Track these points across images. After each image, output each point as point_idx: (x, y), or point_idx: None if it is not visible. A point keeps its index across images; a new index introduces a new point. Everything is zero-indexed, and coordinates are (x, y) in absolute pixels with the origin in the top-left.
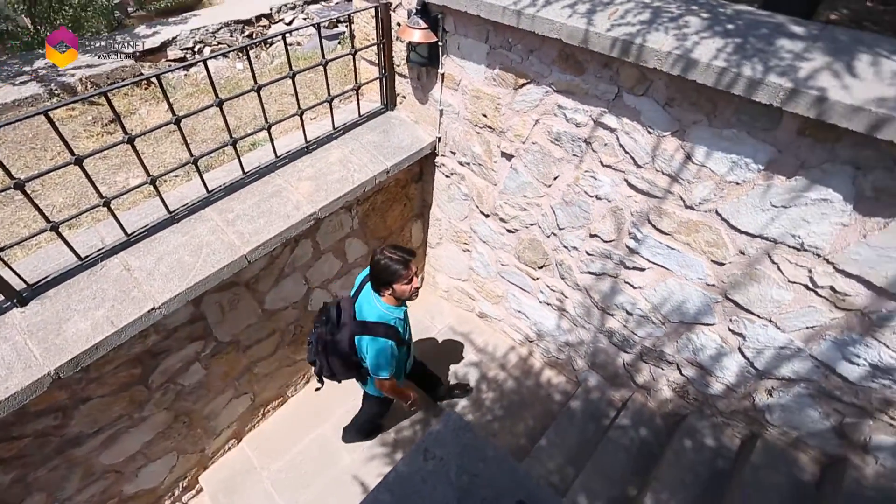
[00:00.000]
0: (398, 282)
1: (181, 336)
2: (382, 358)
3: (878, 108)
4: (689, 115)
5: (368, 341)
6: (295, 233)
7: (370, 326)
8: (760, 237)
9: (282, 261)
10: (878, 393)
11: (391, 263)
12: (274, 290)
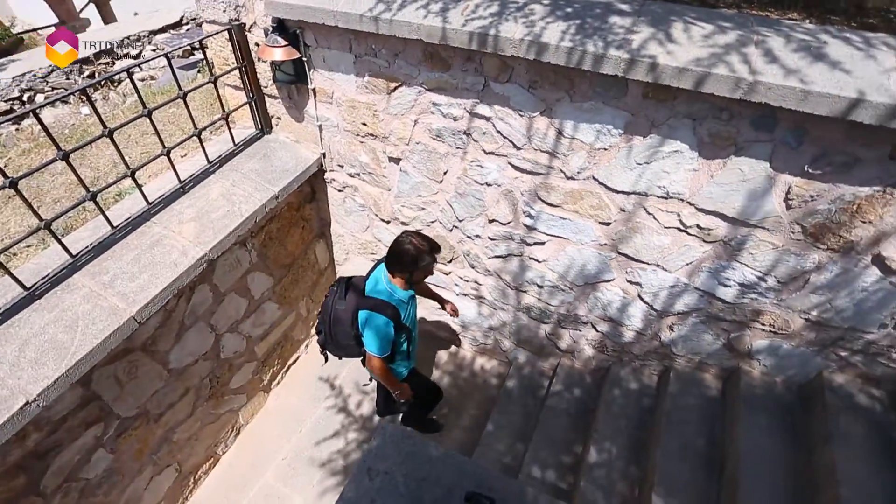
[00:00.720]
0: (418, 270)
1: (73, 424)
2: (376, 333)
3: (697, 67)
4: (551, 94)
5: (367, 315)
6: (187, 280)
7: (371, 300)
8: (634, 193)
9: (179, 313)
10: (749, 306)
11: (421, 253)
12: (177, 347)
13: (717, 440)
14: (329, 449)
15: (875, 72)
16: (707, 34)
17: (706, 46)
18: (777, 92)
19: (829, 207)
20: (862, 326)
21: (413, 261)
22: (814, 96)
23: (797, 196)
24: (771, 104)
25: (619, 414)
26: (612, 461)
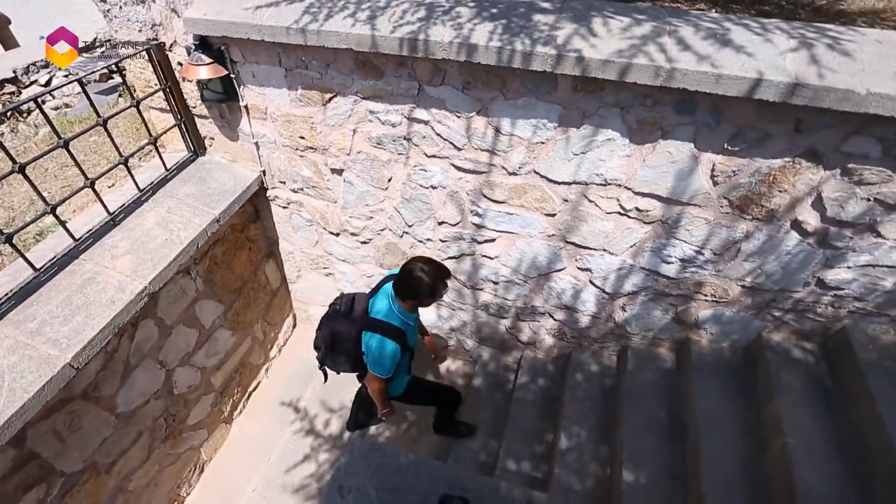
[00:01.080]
0: (431, 298)
1: (8, 490)
2: (382, 357)
3: (619, 58)
4: (486, 93)
5: (376, 339)
6: (128, 317)
7: (380, 324)
8: (575, 183)
9: (122, 353)
10: (691, 279)
11: (431, 282)
12: (124, 389)
13: (676, 410)
14: (301, 474)
15: (773, 54)
16: (625, 27)
17: (625, 39)
18: (692, 77)
19: (750, 180)
20: (790, 287)
21: (430, 292)
22: (724, 79)
23: (721, 172)
24: (689, 89)
25: (584, 398)
26: (583, 444)
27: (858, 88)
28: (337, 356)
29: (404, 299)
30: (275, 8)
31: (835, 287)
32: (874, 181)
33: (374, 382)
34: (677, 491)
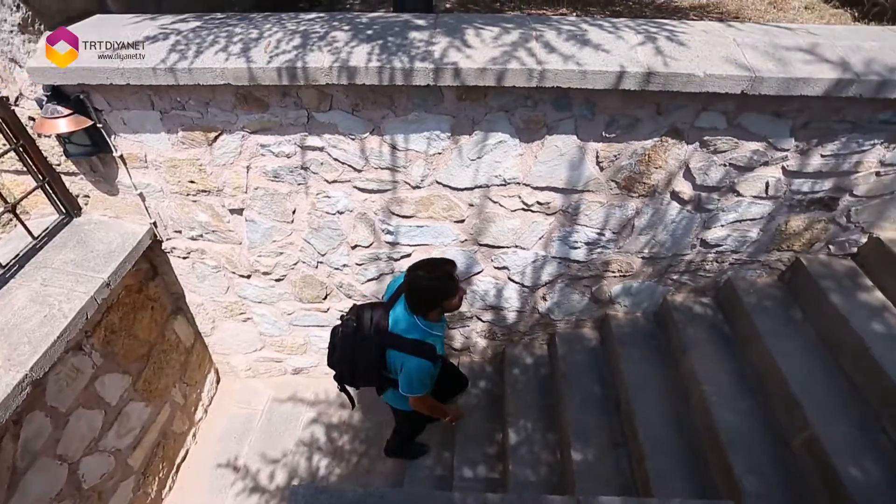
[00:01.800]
0: (450, 299)
1: None
2: (419, 379)
3: (495, 65)
4: (376, 113)
5: (404, 359)
6: (7, 414)
7: (409, 344)
8: (477, 187)
9: (7, 456)
10: (598, 260)
11: (438, 284)
12: (16, 499)
13: (608, 382)
14: None
15: (626, 49)
16: (496, 36)
17: (498, 47)
18: (563, 76)
19: (630, 162)
20: (680, 251)
21: (446, 292)
22: (590, 74)
23: (605, 158)
24: (562, 86)
25: (523, 390)
26: (531, 435)
27: (697, 72)
28: (358, 375)
29: (426, 313)
30: (134, 49)
31: (715, 244)
32: (725, 149)
33: (419, 403)
34: (622, 457)
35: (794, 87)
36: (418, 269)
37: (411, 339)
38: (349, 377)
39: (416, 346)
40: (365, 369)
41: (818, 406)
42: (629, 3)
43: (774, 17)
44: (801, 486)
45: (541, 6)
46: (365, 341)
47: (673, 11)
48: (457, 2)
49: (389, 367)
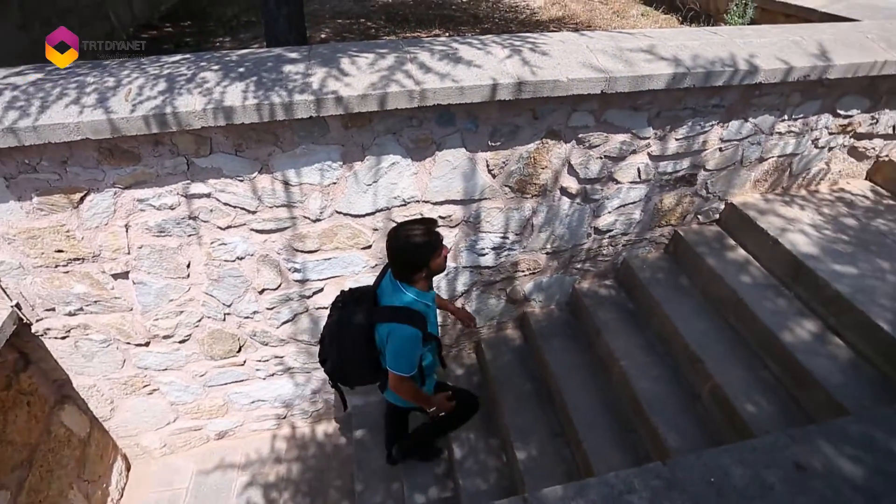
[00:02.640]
0: (434, 257)
1: None
2: (405, 349)
3: (374, 91)
4: (261, 151)
5: (391, 329)
6: None
7: (395, 312)
8: (378, 211)
9: None
10: (507, 262)
11: (421, 241)
12: None
13: (538, 377)
14: None
15: (496, 62)
16: (371, 62)
17: (375, 72)
18: (442, 93)
19: (518, 166)
20: (578, 241)
21: (422, 251)
22: (467, 90)
23: (495, 165)
24: (443, 104)
25: None
26: (475, 446)
27: (561, 78)
28: (347, 364)
29: (413, 278)
30: None
31: (607, 230)
32: (598, 143)
33: (401, 384)
34: (562, 446)
35: (643, 83)
36: (398, 231)
37: (398, 306)
38: (339, 370)
39: (403, 312)
40: (354, 355)
41: (715, 358)
42: (496, 20)
43: (619, 24)
44: (713, 431)
45: (414, 29)
46: (353, 319)
47: (535, 25)
48: (332, 31)
49: (379, 347)
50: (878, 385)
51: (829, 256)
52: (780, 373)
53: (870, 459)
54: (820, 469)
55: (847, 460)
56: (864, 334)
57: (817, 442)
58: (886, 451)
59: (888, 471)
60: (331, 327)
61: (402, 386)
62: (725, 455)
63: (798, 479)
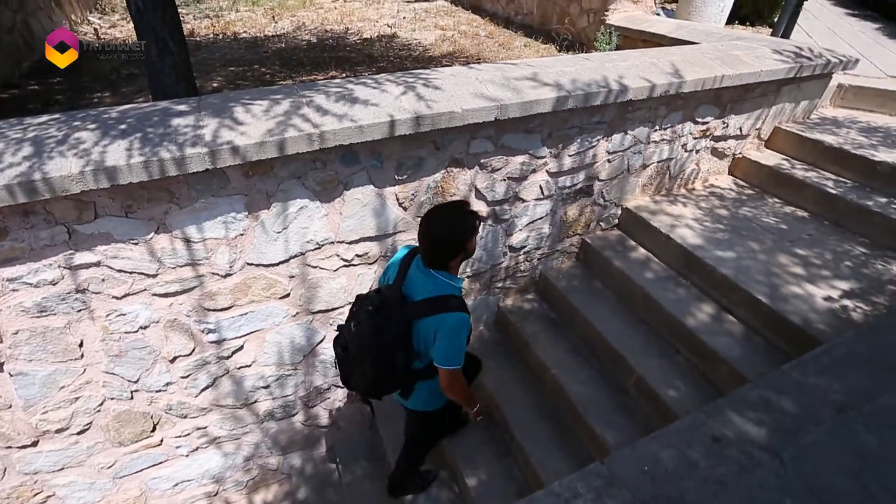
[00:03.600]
0: (473, 237)
1: None
2: (460, 338)
3: (272, 137)
4: (156, 210)
5: (440, 321)
6: None
7: (441, 301)
8: (292, 258)
9: None
10: None
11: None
12: None
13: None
14: None
15: (392, 99)
16: (266, 108)
17: (271, 119)
18: (342, 134)
19: (427, 196)
20: (496, 261)
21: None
22: (366, 128)
23: (404, 198)
24: (344, 144)
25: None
26: None
27: (456, 109)
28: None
29: (449, 264)
30: None
31: (521, 247)
32: (500, 166)
33: (454, 380)
34: (511, 464)
35: (532, 107)
36: (436, 214)
37: (441, 295)
38: (372, 382)
39: (449, 301)
40: (394, 362)
41: (634, 352)
42: (391, 58)
43: (505, 55)
44: (644, 420)
45: (311, 72)
46: (388, 320)
47: (428, 61)
48: (224, 80)
49: (419, 347)
50: (768, 352)
51: (711, 245)
52: (690, 355)
53: (769, 419)
54: (732, 437)
55: (752, 424)
56: (750, 309)
57: (727, 413)
58: (780, 410)
59: (784, 427)
60: (363, 337)
61: (457, 381)
62: (654, 442)
63: (716, 451)
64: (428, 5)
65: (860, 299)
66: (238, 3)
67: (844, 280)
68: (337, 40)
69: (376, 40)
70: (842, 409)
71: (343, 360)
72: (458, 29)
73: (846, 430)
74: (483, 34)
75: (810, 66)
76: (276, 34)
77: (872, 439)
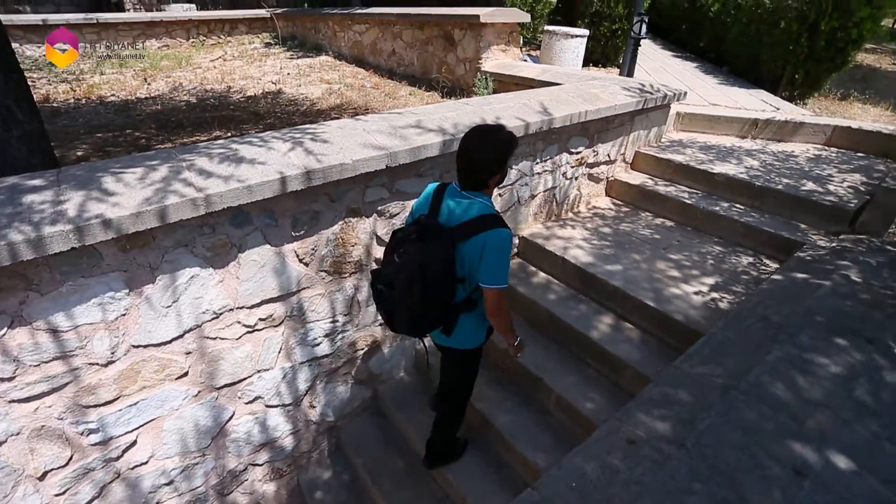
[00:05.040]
0: (513, 150)
1: None
2: (505, 254)
3: (151, 206)
4: (8, 301)
5: (486, 239)
6: None
7: (483, 220)
8: (187, 332)
9: None
10: (342, 345)
11: (502, 135)
12: None
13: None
14: None
15: (279, 156)
16: (141, 177)
17: (148, 187)
18: (230, 195)
19: (328, 249)
20: None
21: (508, 145)
22: (255, 187)
23: (304, 254)
24: (233, 205)
25: None
26: None
27: (347, 160)
28: (434, 305)
29: (487, 182)
30: None
31: None
32: (397, 212)
33: (501, 302)
34: None
35: (420, 153)
36: (473, 137)
37: (484, 215)
38: (419, 315)
39: (491, 217)
40: (444, 286)
41: (550, 372)
42: (278, 114)
43: (392, 104)
44: (569, 437)
45: (192, 134)
46: (434, 243)
47: (317, 115)
48: (91, 148)
49: (463, 272)
50: (662, 350)
51: (601, 260)
52: (599, 366)
53: (671, 413)
54: (644, 437)
55: (659, 421)
56: (642, 314)
57: (637, 415)
58: (678, 402)
59: (683, 417)
60: (409, 264)
61: (503, 303)
62: (578, 457)
63: (633, 452)
64: (311, 61)
65: (724, 291)
66: (102, 66)
67: (710, 276)
68: (219, 99)
69: (261, 97)
70: (725, 391)
71: (386, 298)
72: (344, 82)
73: (732, 409)
74: (369, 86)
75: (653, 99)
76: (150, 96)
77: (752, 413)
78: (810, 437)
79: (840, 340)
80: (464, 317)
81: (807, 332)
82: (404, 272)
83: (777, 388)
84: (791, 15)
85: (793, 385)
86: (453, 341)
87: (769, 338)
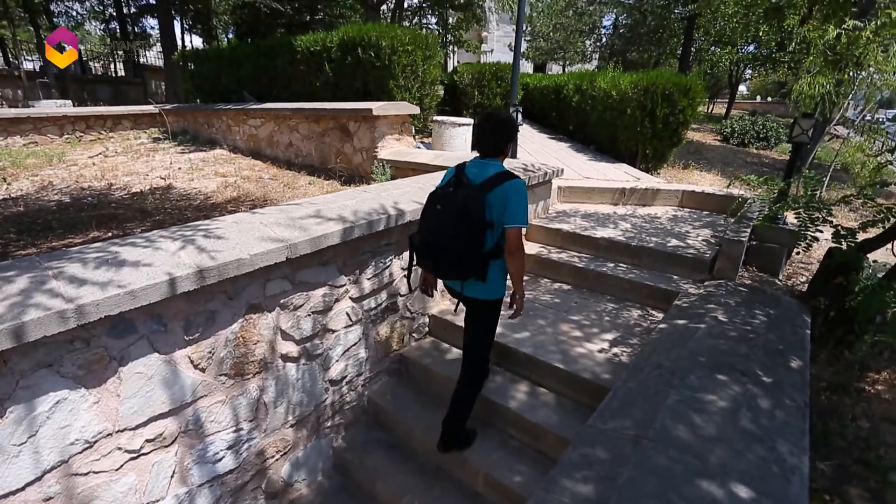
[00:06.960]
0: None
1: None
2: (524, 199)
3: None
4: None
5: (507, 187)
6: None
7: (503, 174)
8: (47, 472)
9: None
10: (249, 456)
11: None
12: None
13: None
14: None
15: (168, 256)
16: None
17: (1, 301)
18: (107, 304)
19: (228, 350)
20: (319, 400)
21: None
22: (139, 292)
23: (200, 358)
24: (112, 314)
25: None
26: None
27: (244, 255)
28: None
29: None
30: None
31: (341, 377)
32: (302, 303)
33: (521, 241)
34: None
35: (321, 242)
36: (489, 115)
37: (501, 171)
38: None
39: (508, 173)
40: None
41: (475, 451)
42: (168, 210)
43: (291, 194)
44: None
45: (63, 237)
46: (470, 192)
47: (212, 209)
48: None
49: (492, 217)
50: (577, 410)
51: (509, 329)
52: (521, 436)
53: (592, 473)
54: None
55: (582, 483)
56: (554, 378)
57: (560, 481)
58: (597, 461)
59: (603, 475)
60: (453, 207)
61: (522, 243)
62: None
63: None
64: (205, 155)
65: (623, 344)
66: None
67: (609, 332)
68: (98, 197)
69: (148, 193)
70: (636, 441)
71: (431, 246)
72: (241, 174)
73: (645, 459)
74: (267, 177)
75: (535, 177)
76: (10, 197)
77: (662, 459)
78: (714, 473)
79: (721, 376)
80: (493, 265)
81: (695, 372)
82: (450, 212)
83: (680, 430)
84: (634, 104)
85: (692, 425)
86: (484, 291)
87: (665, 383)
